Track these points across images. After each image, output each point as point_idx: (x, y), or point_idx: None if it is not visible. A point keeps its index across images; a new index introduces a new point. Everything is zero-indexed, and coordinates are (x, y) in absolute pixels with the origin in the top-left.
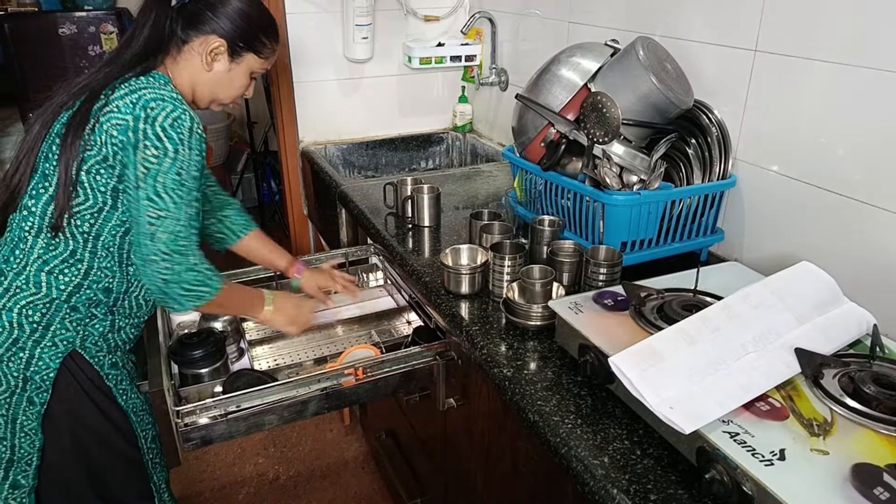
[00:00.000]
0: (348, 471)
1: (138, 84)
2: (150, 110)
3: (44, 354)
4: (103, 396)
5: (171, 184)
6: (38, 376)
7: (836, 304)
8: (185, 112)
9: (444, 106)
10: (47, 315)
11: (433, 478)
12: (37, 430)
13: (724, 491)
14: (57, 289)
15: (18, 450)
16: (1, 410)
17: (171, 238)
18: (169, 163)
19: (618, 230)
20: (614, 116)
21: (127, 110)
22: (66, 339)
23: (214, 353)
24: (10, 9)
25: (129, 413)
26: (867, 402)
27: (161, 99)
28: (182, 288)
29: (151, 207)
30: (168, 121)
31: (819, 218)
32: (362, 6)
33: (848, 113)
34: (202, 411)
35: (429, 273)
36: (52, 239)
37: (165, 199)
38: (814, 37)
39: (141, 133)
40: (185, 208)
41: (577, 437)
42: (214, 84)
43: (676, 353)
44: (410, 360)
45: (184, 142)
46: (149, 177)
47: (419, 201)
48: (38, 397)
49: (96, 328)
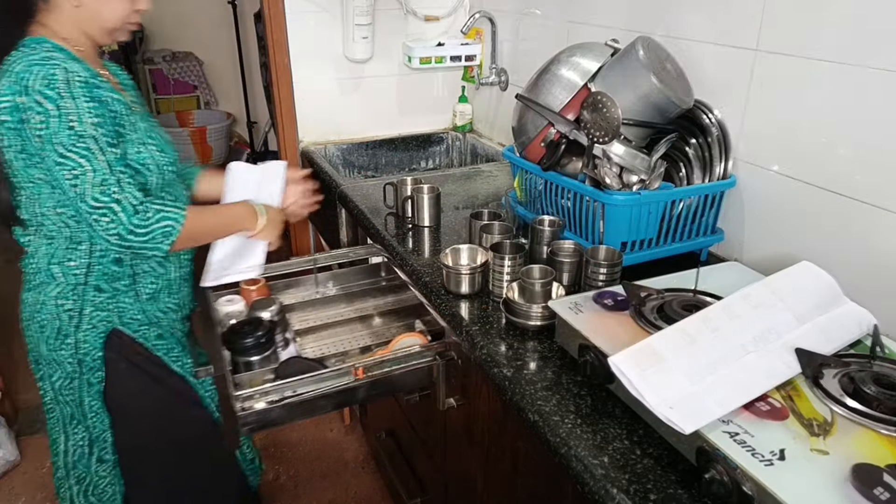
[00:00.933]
0: (348, 471)
1: (10, 62)
2: (22, 81)
3: (87, 337)
4: (155, 367)
5: (69, 140)
6: (89, 357)
7: (837, 304)
8: (56, 66)
9: (444, 106)
10: (78, 301)
11: (433, 478)
12: (101, 409)
13: (724, 491)
14: (72, 274)
15: (93, 429)
16: (68, 397)
17: (99, 191)
18: (56, 122)
19: (618, 230)
20: (614, 116)
21: (8, 92)
22: (103, 319)
23: (265, 341)
24: None
25: (187, 378)
26: (867, 402)
27: (30, 65)
28: (139, 234)
29: (64, 170)
30: (41, 82)
31: (819, 218)
32: (362, 6)
33: (848, 113)
34: (260, 396)
35: (429, 273)
36: (48, 233)
37: (72, 156)
38: (814, 36)
39: (23, 108)
40: (98, 157)
41: (577, 437)
42: (95, 15)
43: (676, 353)
44: (411, 360)
45: (62, 94)
46: (45, 144)
47: (419, 201)
48: (94, 377)
49: (127, 302)
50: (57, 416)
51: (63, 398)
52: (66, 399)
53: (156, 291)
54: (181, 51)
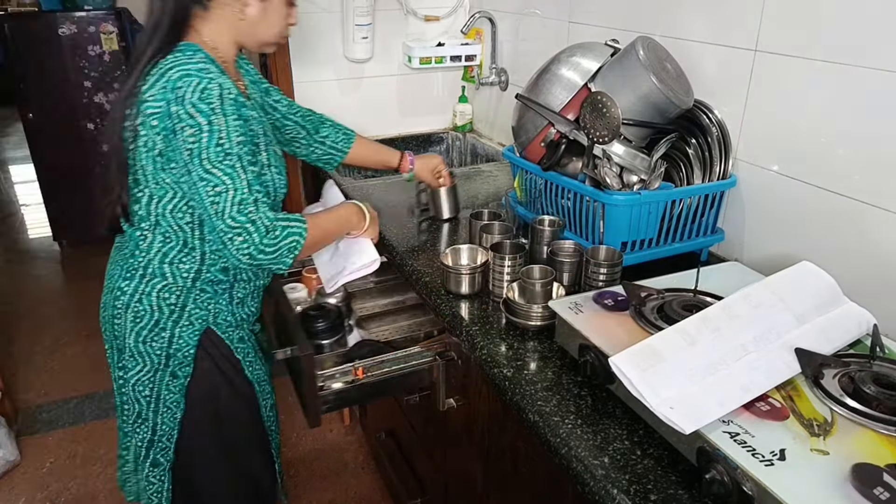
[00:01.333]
0: (348, 471)
1: (165, 65)
2: (178, 90)
3: (183, 333)
4: (232, 369)
5: (216, 157)
6: (181, 353)
7: (837, 304)
8: (212, 81)
9: (444, 106)
10: (181, 297)
11: (433, 478)
12: (179, 401)
13: (725, 491)
14: (181, 277)
15: (160, 426)
16: (145, 391)
17: (237, 210)
18: (206, 137)
19: (618, 230)
20: (614, 116)
21: (160, 96)
22: (200, 317)
23: (336, 325)
24: (10, 9)
25: (255, 383)
26: (867, 402)
27: (187, 74)
28: (268, 252)
29: (207, 186)
30: (196, 95)
31: (819, 218)
32: (362, 6)
33: (848, 113)
34: (341, 376)
35: (429, 273)
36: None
37: (216, 173)
38: (814, 37)
39: (175, 116)
40: (241, 175)
41: (578, 438)
42: (255, 29)
43: (676, 353)
44: (410, 360)
45: (215, 110)
46: (193, 157)
47: (437, 192)
48: (181, 371)
49: (222, 304)
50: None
51: (136, 393)
52: (139, 395)
53: (245, 296)
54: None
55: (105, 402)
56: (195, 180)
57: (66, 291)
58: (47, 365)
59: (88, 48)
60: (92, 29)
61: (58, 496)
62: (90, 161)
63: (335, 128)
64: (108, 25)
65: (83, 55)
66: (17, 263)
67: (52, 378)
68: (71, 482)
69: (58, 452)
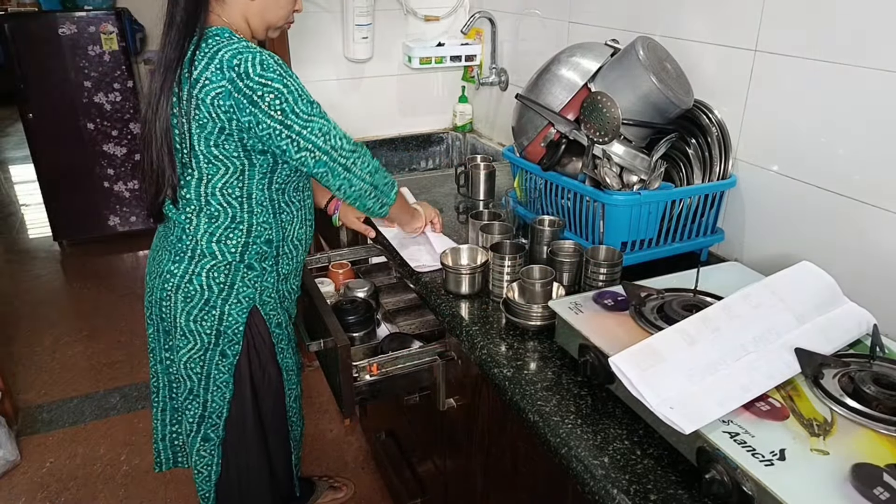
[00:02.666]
0: (348, 471)
1: (209, 48)
2: (236, 67)
3: (232, 310)
4: (267, 352)
5: (307, 108)
6: (231, 330)
7: (837, 304)
8: (258, 52)
9: (444, 106)
10: (230, 275)
11: (433, 478)
12: (228, 381)
13: (724, 491)
14: (229, 252)
15: (210, 404)
16: (196, 368)
17: (345, 139)
18: (290, 95)
19: (618, 230)
20: (614, 116)
21: (218, 79)
22: (247, 295)
23: (366, 319)
24: (10, 9)
25: (284, 371)
26: (867, 402)
27: (238, 52)
28: (382, 174)
29: (314, 130)
30: (256, 67)
31: (819, 218)
32: (362, 6)
33: (848, 113)
34: (383, 366)
35: (429, 273)
36: (210, 213)
37: (314, 119)
38: (814, 37)
39: (247, 90)
40: (328, 117)
41: (578, 438)
42: (263, 10)
43: (676, 353)
44: (412, 360)
45: (280, 74)
46: (288, 114)
47: (474, 176)
48: (230, 349)
49: (269, 281)
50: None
51: (188, 371)
52: (191, 372)
53: (290, 272)
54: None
55: (105, 401)
56: (298, 133)
57: (66, 291)
58: (47, 365)
59: (88, 48)
60: (92, 29)
61: (58, 496)
62: (90, 161)
63: None
64: (108, 25)
65: (83, 55)
66: (17, 263)
67: (52, 378)
68: (71, 482)
69: (58, 452)
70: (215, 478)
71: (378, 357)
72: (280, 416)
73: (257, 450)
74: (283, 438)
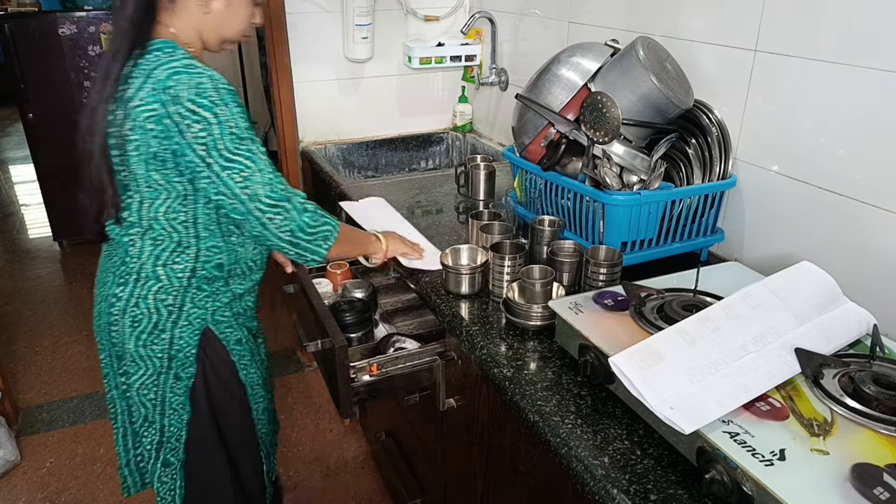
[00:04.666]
0: (348, 471)
1: (148, 66)
2: (170, 90)
3: (183, 333)
4: (227, 370)
5: (232, 144)
6: (182, 353)
7: (837, 304)
8: (201, 74)
9: (444, 106)
10: (178, 297)
11: (433, 478)
12: (185, 403)
13: (724, 491)
14: (176, 278)
15: (168, 428)
16: (150, 394)
17: (269, 188)
18: (216, 128)
19: (618, 230)
20: (614, 116)
21: (151, 100)
22: (199, 316)
23: (364, 319)
24: (10, 9)
25: (247, 386)
26: (867, 402)
27: (175, 72)
28: (308, 232)
29: (233, 174)
30: (192, 91)
31: (819, 218)
32: (362, 6)
33: (848, 113)
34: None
35: (429, 273)
36: (155, 237)
37: (238, 159)
38: (814, 37)
39: (177, 116)
40: (260, 156)
41: (577, 438)
42: (218, 24)
43: (676, 353)
44: (412, 359)
45: (215, 102)
46: (210, 150)
47: (474, 177)
48: (184, 373)
49: (222, 301)
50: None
51: (142, 398)
52: (144, 399)
53: (244, 291)
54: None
55: (105, 401)
56: (218, 172)
57: (66, 291)
58: (47, 365)
59: (88, 48)
60: (92, 29)
61: (58, 496)
62: None
63: None
64: (109, 25)
65: (83, 55)
66: (17, 263)
67: (52, 378)
68: (71, 482)
69: (58, 452)
70: (179, 502)
71: (377, 357)
72: (248, 429)
73: (221, 468)
74: (252, 451)
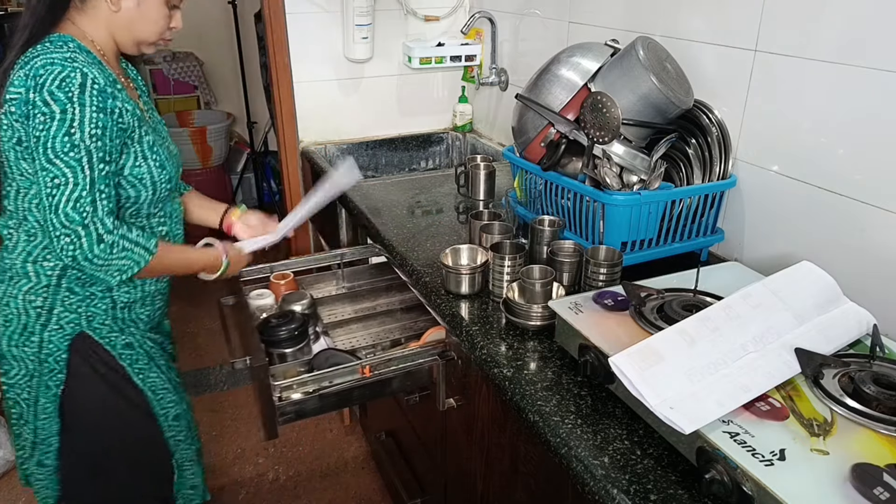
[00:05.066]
0: (348, 471)
1: (32, 53)
2: (38, 78)
3: (53, 337)
4: (117, 376)
5: (62, 147)
6: (52, 358)
7: (837, 304)
8: (76, 69)
9: (444, 106)
10: (48, 299)
11: (433, 478)
12: (54, 413)
13: (724, 491)
14: (45, 275)
15: (40, 432)
16: (23, 394)
17: (72, 206)
18: (56, 125)
19: (618, 230)
20: (614, 116)
21: (20, 83)
22: (70, 321)
23: (299, 334)
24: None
25: (147, 392)
26: (867, 402)
27: (51, 63)
28: (95, 263)
29: (47, 176)
30: (56, 83)
31: (819, 218)
32: (362, 6)
33: (848, 113)
34: (298, 386)
35: (429, 273)
36: (28, 230)
37: (58, 164)
38: (814, 37)
39: (31, 103)
40: (85, 170)
41: (577, 438)
42: (129, 24)
43: (676, 353)
44: (416, 359)
45: (73, 100)
46: (39, 144)
47: (474, 176)
48: (52, 381)
49: (99, 307)
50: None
51: (17, 395)
52: (19, 397)
53: (131, 301)
54: (181, 51)
55: None
56: (37, 168)
57: None
58: None
59: None
60: None
61: None
62: None
63: None
64: None
65: None
66: None
67: None
68: None
69: None
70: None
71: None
72: (153, 439)
73: (107, 480)
74: (161, 462)
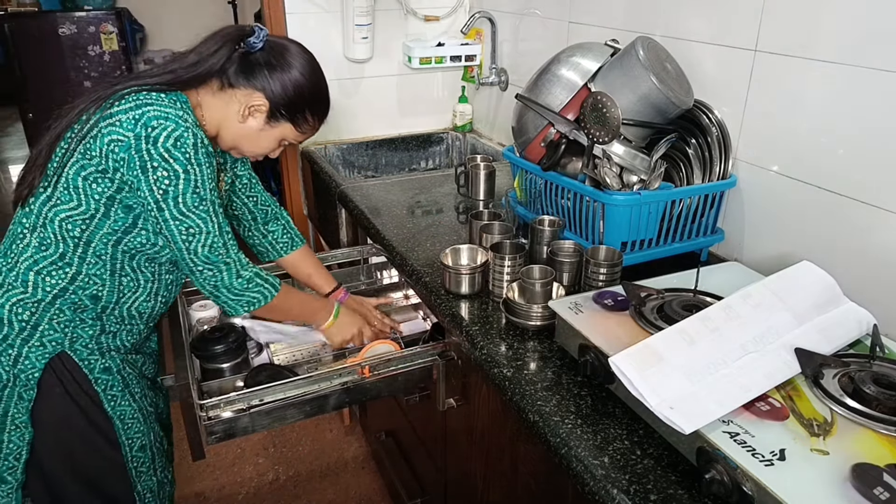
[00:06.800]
0: (348, 471)
1: (146, 99)
2: (150, 129)
3: (31, 353)
4: (89, 401)
5: (192, 202)
6: (24, 374)
7: (837, 304)
8: (188, 130)
9: (444, 106)
10: (36, 314)
11: (433, 478)
12: (27, 423)
13: (724, 491)
14: (43, 290)
15: (7, 444)
16: None
17: (209, 250)
18: (183, 184)
19: (618, 230)
20: (614, 116)
21: (128, 126)
22: (54, 339)
23: (236, 348)
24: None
25: (115, 420)
26: (867, 402)
27: (164, 118)
28: (231, 295)
29: (181, 226)
30: (170, 141)
31: (819, 218)
32: (362, 6)
33: (848, 113)
34: (226, 405)
35: (429, 273)
36: (43, 238)
37: (192, 216)
38: (814, 37)
39: (146, 154)
40: (213, 219)
41: (577, 438)
42: (242, 136)
43: (676, 354)
44: (417, 359)
45: (190, 160)
46: (168, 198)
47: (474, 176)
48: (26, 394)
49: (85, 331)
50: None
51: None
52: None
53: (118, 330)
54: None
55: None
56: (168, 218)
57: None
58: None
59: (88, 48)
60: (92, 29)
61: None
62: None
63: (286, 229)
64: (108, 25)
65: (83, 55)
66: None
67: None
68: None
69: None
70: None
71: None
72: (116, 469)
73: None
74: (124, 492)
